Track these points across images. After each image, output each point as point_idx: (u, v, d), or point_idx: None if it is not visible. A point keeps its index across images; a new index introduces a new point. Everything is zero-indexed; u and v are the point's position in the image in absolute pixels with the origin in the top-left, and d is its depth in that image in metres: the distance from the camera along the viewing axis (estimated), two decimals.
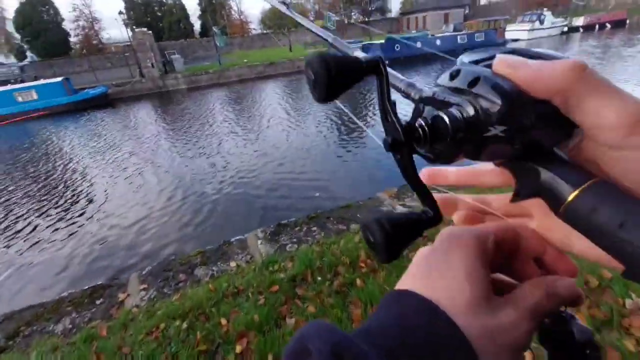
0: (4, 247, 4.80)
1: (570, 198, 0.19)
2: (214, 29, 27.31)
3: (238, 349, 1.78)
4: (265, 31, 49.05)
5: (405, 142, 0.23)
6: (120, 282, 2.65)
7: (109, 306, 2.39)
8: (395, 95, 0.25)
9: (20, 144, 11.53)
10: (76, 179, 7.43)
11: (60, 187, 7.00)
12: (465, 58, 0.24)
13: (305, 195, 5.25)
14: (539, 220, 0.26)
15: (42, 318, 2.32)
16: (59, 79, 18.40)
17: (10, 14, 37.08)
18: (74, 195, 6.49)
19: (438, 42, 21.94)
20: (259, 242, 2.94)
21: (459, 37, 22.48)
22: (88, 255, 4.35)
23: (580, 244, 0.23)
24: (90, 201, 6.08)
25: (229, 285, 2.37)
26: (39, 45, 38.09)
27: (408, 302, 0.22)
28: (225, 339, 1.86)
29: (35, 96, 17.58)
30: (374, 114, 9.35)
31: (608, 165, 0.19)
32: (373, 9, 47.97)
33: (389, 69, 0.24)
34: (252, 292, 2.24)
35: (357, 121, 4.80)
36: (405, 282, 0.24)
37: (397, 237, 0.23)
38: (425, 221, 0.24)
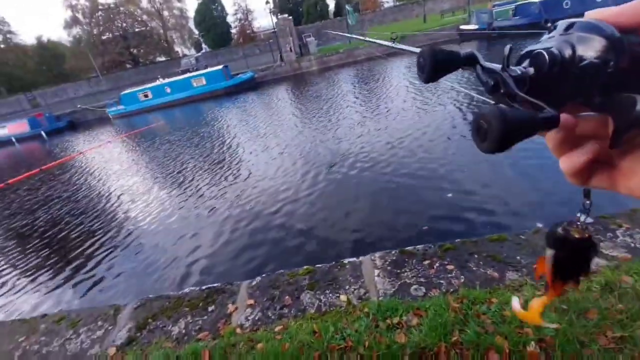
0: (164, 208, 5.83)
1: None
2: (347, 6, 27.09)
3: None
4: (397, 3, 45.98)
5: (503, 83, 0.28)
6: (232, 288, 2.59)
7: (218, 317, 2.33)
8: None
9: (195, 121, 14.60)
10: (229, 153, 8.68)
11: (218, 160, 8.28)
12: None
13: (437, 200, 4.38)
14: (619, 164, 0.28)
15: (165, 314, 2.45)
16: (220, 67, 21.81)
17: (191, 14, 46.13)
18: (226, 169, 7.52)
19: None
20: (376, 272, 2.40)
21: None
22: (220, 233, 4.78)
23: None
24: (236, 177, 6.89)
25: (336, 331, 1.94)
26: (210, 38, 46.41)
27: None
28: None
29: (204, 82, 21.44)
30: None
31: None
32: None
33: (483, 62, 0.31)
34: (361, 354, 1.74)
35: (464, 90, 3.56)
36: None
37: (514, 129, 0.23)
38: (543, 120, 0.25)
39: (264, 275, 2.66)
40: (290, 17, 24.16)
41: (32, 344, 2.43)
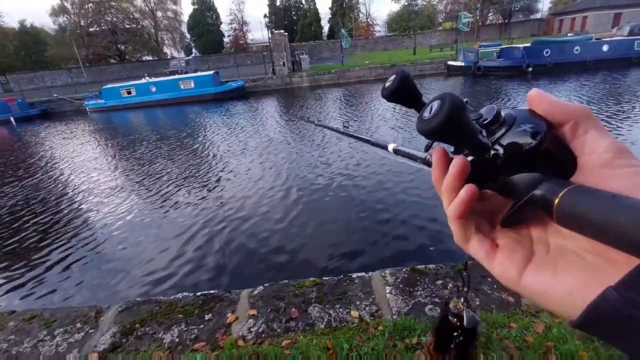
0: (148, 206, 5.48)
1: (557, 200, 0.23)
2: (342, 30, 27.93)
3: None
4: (389, 33, 48.06)
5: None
6: (231, 296, 2.40)
7: (216, 327, 2.13)
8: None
9: (178, 123, 14.17)
10: (212, 156, 8.50)
11: (197, 163, 8.05)
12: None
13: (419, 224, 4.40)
14: (500, 242, 0.29)
15: (155, 320, 2.21)
16: (211, 72, 21.57)
17: (185, 17, 45.96)
18: (207, 171, 7.38)
19: (605, 47, 17.30)
20: (388, 289, 2.31)
21: (637, 42, 17.25)
22: (208, 236, 4.54)
23: (543, 282, 0.25)
24: (218, 179, 6.81)
25: (351, 348, 1.82)
26: (201, 44, 46.17)
27: None
28: None
29: (192, 85, 21.05)
30: None
31: (600, 183, 0.23)
32: (517, 8, 41.06)
33: None
34: None
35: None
36: None
37: (460, 120, 0.25)
38: (481, 140, 0.27)
39: (266, 284, 2.49)
40: (286, 33, 24.54)
41: None
